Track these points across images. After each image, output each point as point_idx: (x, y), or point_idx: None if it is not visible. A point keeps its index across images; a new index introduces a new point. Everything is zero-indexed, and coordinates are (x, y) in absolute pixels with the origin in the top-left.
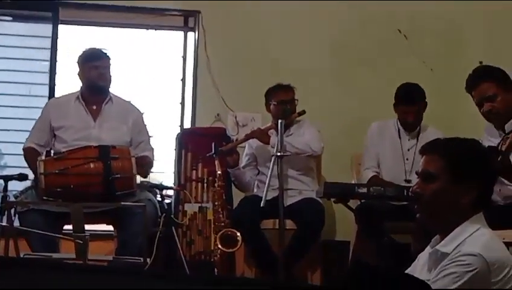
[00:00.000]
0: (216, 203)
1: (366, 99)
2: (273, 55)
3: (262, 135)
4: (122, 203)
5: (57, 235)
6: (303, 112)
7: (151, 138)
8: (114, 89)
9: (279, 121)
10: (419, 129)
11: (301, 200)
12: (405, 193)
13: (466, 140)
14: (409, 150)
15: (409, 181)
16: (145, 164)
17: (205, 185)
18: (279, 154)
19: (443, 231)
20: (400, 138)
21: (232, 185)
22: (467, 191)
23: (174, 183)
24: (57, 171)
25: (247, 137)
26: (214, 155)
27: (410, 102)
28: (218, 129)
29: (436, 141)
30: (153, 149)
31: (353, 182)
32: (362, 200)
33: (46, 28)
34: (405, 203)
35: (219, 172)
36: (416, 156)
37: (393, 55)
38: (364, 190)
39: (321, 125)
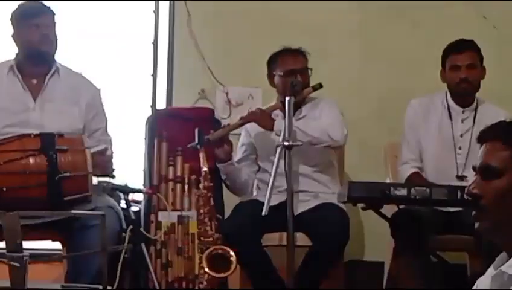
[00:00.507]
0: (201, 211)
1: (404, 67)
2: (278, 7)
3: (264, 118)
4: (73, 211)
5: None
6: (319, 86)
7: (108, 123)
8: (61, 57)
9: (287, 98)
10: (477, 104)
11: (317, 206)
12: (459, 195)
13: None
14: (462, 135)
15: (462, 178)
16: (103, 161)
17: (186, 186)
18: (286, 144)
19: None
20: (450, 118)
21: (223, 186)
22: None
23: (144, 185)
24: None
25: (244, 121)
26: (198, 146)
27: (463, 48)
28: (203, 110)
29: (499, 124)
30: (110, 139)
31: (388, 181)
32: (400, 206)
33: None
34: (459, 209)
35: (205, 169)
36: (473, 144)
37: (440, 5)
38: (404, 192)
39: (344, 105)
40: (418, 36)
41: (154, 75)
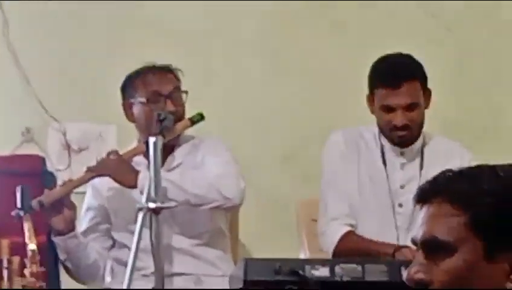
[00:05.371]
0: None
1: (322, 88)
2: (145, 12)
3: (121, 169)
4: None
5: None
6: (200, 118)
7: None
8: None
9: (152, 139)
10: (423, 141)
11: None
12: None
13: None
14: (403, 187)
15: (405, 248)
16: None
17: (5, 273)
18: (153, 206)
19: None
20: (384, 163)
21: (62, 270)
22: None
23: None
24: None
25: (92, 174)
26: (22, 213)
27: (398, 81)
28: (28, 159)
29: (442, 177)
30: None
31: (302, 256)
32: None
33: None
34: None
35: (32, 247)
36: None
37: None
38: (325, 272)
39: (238, 145)
40: (340, 42)
41: None
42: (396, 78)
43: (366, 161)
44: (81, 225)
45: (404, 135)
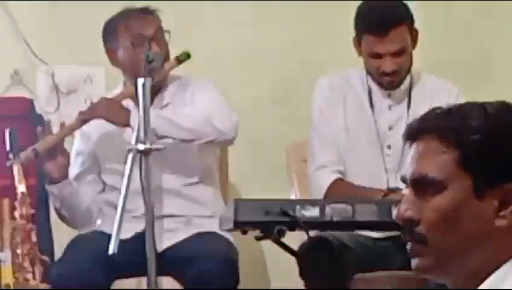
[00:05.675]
0: (19, 250)
1: (310, 28)
2: None
3: (114, 110)
4: None
5: None
6: (186, 57)
7: None
8: None
9: (140, 80)
10: (411, 80)
11: (191, 237)
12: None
13: (502, 105)
14: (391, 128)
15: (395, 190)
16: None
17: None
18: (142, 147)
19: (465, 284)
20: (371, 106)
21: (54, 214)
22: (502, 207)
23: None
24: None
25: (85, 117)
26: (12, 158)
27: (384, 28)
28: (17, 101)
29: (431, 114)
30: None
31: (292, 197)
32: (311, 233)
33: None
34: (395, 233)
35: (22, 189)
36: None
37: None
38: (315, 212)
39: (226, 86)
40: None
41: None
42: (383, 25)
43: (353, 104)
44: (72, 170)
45: (393, 80)
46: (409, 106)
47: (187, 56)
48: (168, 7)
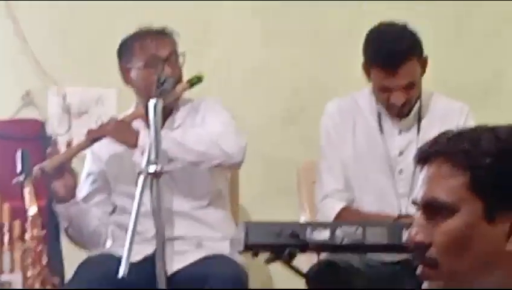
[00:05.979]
0: (29, 273)
1: (323, 50)
2: None
3: (122, 131)
4: None
5: None
6: (198, 80)
7: None
8: None
9: (152, 101)
10: (420, 106)
11: (201, 260)
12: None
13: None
14: (402, 153)
15: (406, 217)
16: None
17: (6, 237)
18: (153, 169)
19: None
20: (381, 130)
21: (64, 235)
22: None
23: None
24: None
25: (93, 136)
26: (23, 179)
27: (394, 64)
28: (28, 123)
29: (442, 137)
30: None
31: (302, 219)
32: (321, 255)
33: None
34: (405, 257)
35: (33, 211)
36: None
37: None
38: (325, 235)
39: (238, 106)
40: (342, 3)
41: None
42: (393, 62)
43: (362, 129)
44: (82, 191)
45: (402, 111)
46: (419, 130)
47: (198, 80)
48: (180, 27)
